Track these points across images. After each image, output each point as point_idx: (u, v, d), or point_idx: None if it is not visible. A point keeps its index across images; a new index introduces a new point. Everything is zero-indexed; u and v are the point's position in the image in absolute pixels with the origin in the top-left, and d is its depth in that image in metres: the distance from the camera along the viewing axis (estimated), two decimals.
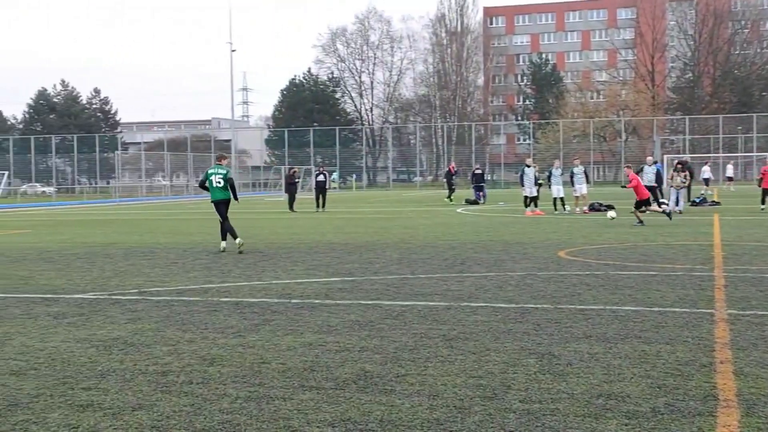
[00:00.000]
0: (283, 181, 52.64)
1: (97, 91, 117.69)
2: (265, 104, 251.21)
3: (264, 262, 15.00)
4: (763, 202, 29.26)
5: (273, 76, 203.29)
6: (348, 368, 6.73)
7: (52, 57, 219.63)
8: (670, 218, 23.47)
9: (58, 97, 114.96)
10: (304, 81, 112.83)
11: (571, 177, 31.03)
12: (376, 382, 6.30)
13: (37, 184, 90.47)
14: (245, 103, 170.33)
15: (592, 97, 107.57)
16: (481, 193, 42.16)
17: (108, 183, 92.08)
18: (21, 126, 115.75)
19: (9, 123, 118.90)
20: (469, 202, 40.92)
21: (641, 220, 22.71)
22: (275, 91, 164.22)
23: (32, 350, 7.64)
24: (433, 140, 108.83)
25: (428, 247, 17.41)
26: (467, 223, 26.02)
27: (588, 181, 31.91)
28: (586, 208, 30.40)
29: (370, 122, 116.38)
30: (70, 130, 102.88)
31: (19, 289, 11.92)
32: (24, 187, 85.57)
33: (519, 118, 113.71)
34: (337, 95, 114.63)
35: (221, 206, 17.56)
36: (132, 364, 7.03)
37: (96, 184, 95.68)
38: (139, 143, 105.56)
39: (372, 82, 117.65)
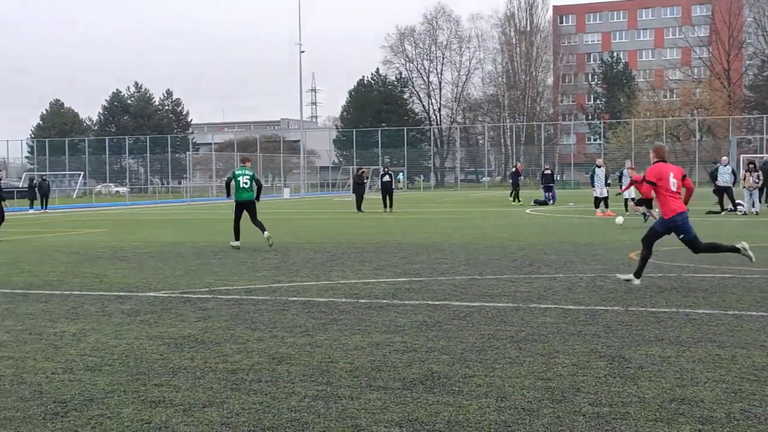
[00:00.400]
0: (351, 182, 52.86)
1: (169, 93, 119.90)
2: (333, 105, 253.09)
3: (332, 261, 15.08)
4: None
5: (341, 76, 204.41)
6: (415, 368, 6.72)
7: (126, 59, 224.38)
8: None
9: (132, 98, 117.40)
10: (373, 81, 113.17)
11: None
12: (443, 382, 6.28)
13: (111, 184, 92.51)
14: (314, 103, 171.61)
15: (665, 96, 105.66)
16: (550, 194, 41.73)
17: (179, 183, 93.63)
18: (96, 127, 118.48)
19: (85, 124, 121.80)
20: (538, 202, 40.56)
21: (645, 213, 23.00)
22: (343, 91, 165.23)
23: (107, 347, 7.80)
24: (502, 140, 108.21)
25: (496, 248, 17.30)
26: (536, 224, 25.79)
27: None
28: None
29: (438, 122, 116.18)
30: (143, 131, 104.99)
31: (95, 287, 12.19)
32: (99, 187, 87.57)
33: (589, 117, 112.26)
34: (405, 95, 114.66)
35: (249, 206, 18.30)
36: (202, 361, 7.13)
37: (168, 184, 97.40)
38: (209, 144, 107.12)
39: (440, 82, 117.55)
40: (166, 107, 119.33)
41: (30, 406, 5.85)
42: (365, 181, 38.85)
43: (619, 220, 23.10)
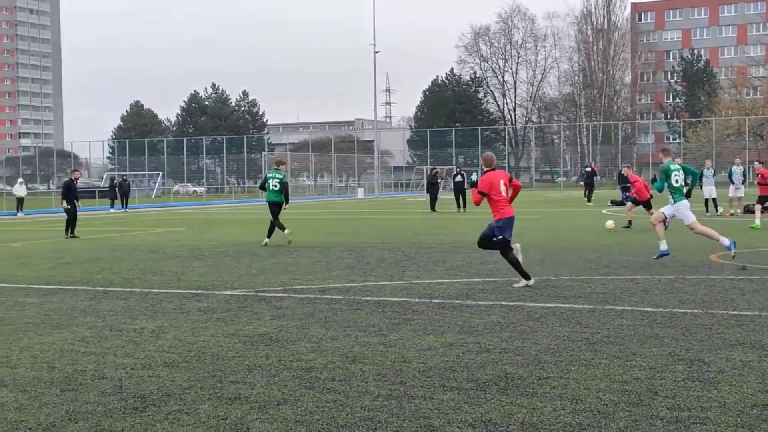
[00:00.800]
0: (424, 182, 52.80)
1: (245, 94, 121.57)
2: (407, 105, 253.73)
3: (405, 261, 15.09)
4: None
5: (416, 77, 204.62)
6: (489, 369, 6.68)
7: (204, 61, 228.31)
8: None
9: (209, 99, 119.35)
10: (447, 81, 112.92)
11: (730, 177, 29.73)
12: (517, 384, 6.22)
13: (188, 184, 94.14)
14: (388, 104, 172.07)
15: (747, 94, 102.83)
16: (627, 194, 40.99)
17: (255, 183, 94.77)
18: (174, 128, 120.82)
19: (163, 125, 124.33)
20: (615, 203, 39.85)
21: (629, 222, 22.53)
22: (417, 91, 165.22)
23: (184, 344, 7.94)
24: (578, 140, 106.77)
25: (571, 248, 17.09)
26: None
27: (744, 182, 30.46)
28: (739, 210, 29.08)
29: (513, 122, 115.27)
30: (219, 132, 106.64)
31: (172, 284, 12.43)
32: (177, 186, 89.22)
33: (668, 116, 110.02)
34: (480, 95, 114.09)
35: (274, 207, 19.30)
36: (277, 359, 7.20)
37: (244, 184, 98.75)
38: (284, 144, 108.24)
39: (515, 82, 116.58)
40: (243, 108, 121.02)
41: (110, 400, 5.99)
42: (439, 181, 38.75)
43: (609, 223, 22.19)
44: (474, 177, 19.50)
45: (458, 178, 36.97)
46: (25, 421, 5.51)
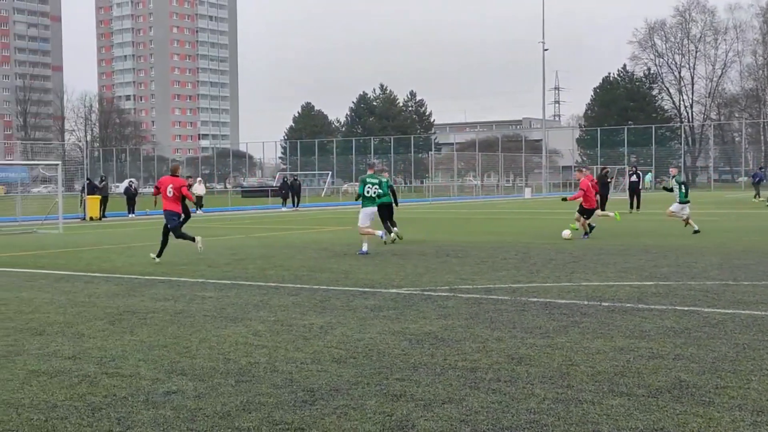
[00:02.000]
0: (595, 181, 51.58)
1: (412, 94, 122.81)
2: (577, 103, 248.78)
3: (573, 263, 14.79)
4: None
5: (586, 74, 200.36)
6: (662, 376, 6.44)
7: (373, 62, 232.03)
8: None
9: (378, 100, 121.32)
10: (619, 78, 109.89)
11: None
12: (692, 392, 5.96)
13: (357, 183, 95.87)
14: (557, 102, 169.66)
15: None
16: None
17: (422, 182, 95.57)
18: (343, 129, 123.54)
19: (333, 126, 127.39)
20: None
21: (588, 231, 20.72)
22: (588, 89, 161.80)
23: (351, 340, 8.08)
24: (762, 137, 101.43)
25: (752, 252, 16.25)
26: None
27: None
28: None
29: (690, 119, 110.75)
30: (387, 132, 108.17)
31: (340, 282, 12.68)
32: (345, 186, 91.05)
33: None
34: (654, 92, 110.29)
35: (383, 209, 19.38)
36: (442, 358, 7.21)
37: (410, 183, 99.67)
38: (451, 144, 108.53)
39: (692, 77, 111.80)
40: (410, 108, 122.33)
41: (281, 393, 6.16)
42: (609, 181, 37.79)
43: (566, 233, 20.71)
44: (648, 177, 18.90)
45: (633, 178, 35.98)
46: (203, 409, 5.75)
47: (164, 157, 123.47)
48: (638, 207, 34.48)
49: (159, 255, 16.19)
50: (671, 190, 23.01)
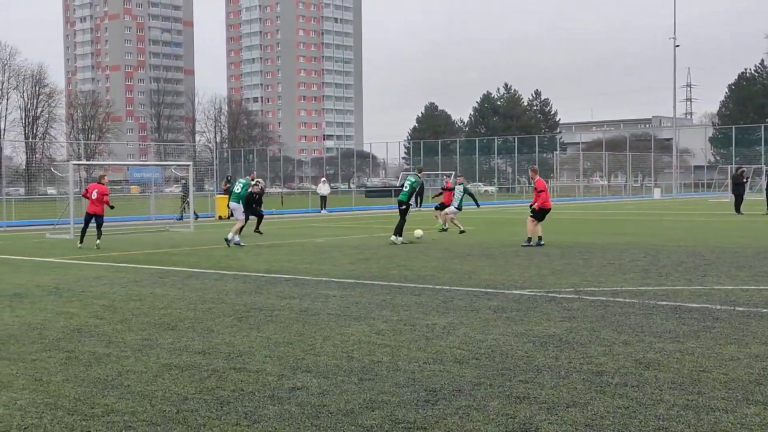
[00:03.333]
0: (729, 182, 49.73)
1: (537, 93, 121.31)
2: (710, 100, 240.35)
3: (705, 266, 14.29)
4: None
5: (720, 70, 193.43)
6: None
7: (497, 62, 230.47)
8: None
9: (501, 100, 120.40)
10: (756, 74, 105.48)
11: None
12: None
13: (480, 184, 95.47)
14: (688, 100, 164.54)
15: None
16: None
17: (547, 183, 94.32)
18: (467, 129, 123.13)
19: (456, 126, 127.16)
20: None
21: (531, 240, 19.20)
22: (722, 86, 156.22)
23: (474, 341, 8.04)
24: None
25: None
26: None
27: None
28: None
29: None
30: (511, 132, 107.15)
31: (463, 282, 12.64)
32: (468, 186, 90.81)
33: None
34: None
35: (402, 207, 20.98)
36: (567, 361, 7.09)
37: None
38: (577, 143, 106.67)
39: None
40: (535, 107, 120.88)
41: (404, 392, 6.19)
42: (745, 181, 36.35)
43: (418, 233, 21.13)
44: None
45: None
46: (326, 406, 5.84)
47: (290, 158, 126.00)
48: None
49: (81, 241, 20.52)
50: None
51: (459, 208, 25.08)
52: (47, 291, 12.18)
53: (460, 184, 25.47)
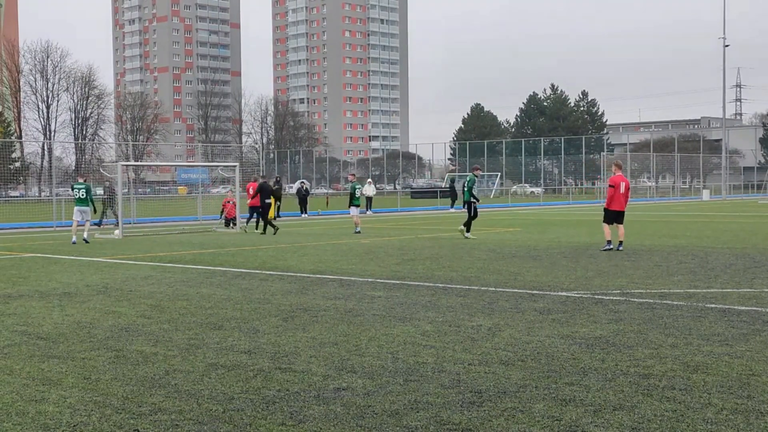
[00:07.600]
0: None
1: (584, 94, 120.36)
2: (760, 101, 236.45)
3: (755, 268, 14.07)
4: None
5: None
6: None
7: (543, 63, 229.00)
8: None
9: (548, 100, 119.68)
10: None
11: None
12: None
13: (526, 185, 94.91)
14: (738, 100, 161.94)
15: None
16: None
17: (593, 184, 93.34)
18: (513, 129, 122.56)
19: (503, 127, 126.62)
20: None
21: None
22: None
23: (519, 342, 8.01)
24: None
25: None
26: None
27: None
28: None
29: None
30: (558, 133, 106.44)
31: (509, 283, 12.59)
32: (514, 187, 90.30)
33: None
34: None
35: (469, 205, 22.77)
36: (613, 363, 7.03)
37: (581, 185, 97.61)
38: (624, 144, 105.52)
39: None
40: (581, 108, 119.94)
41: (449, 393, 6.19)
42: None
43: (117, 233, 19.81)
44: None
45: None
46: (372, 407, 5.85)
47: (336, 159, 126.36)
48: None
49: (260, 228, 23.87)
50: None
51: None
52: (96, 290, 12.38)
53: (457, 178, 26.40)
